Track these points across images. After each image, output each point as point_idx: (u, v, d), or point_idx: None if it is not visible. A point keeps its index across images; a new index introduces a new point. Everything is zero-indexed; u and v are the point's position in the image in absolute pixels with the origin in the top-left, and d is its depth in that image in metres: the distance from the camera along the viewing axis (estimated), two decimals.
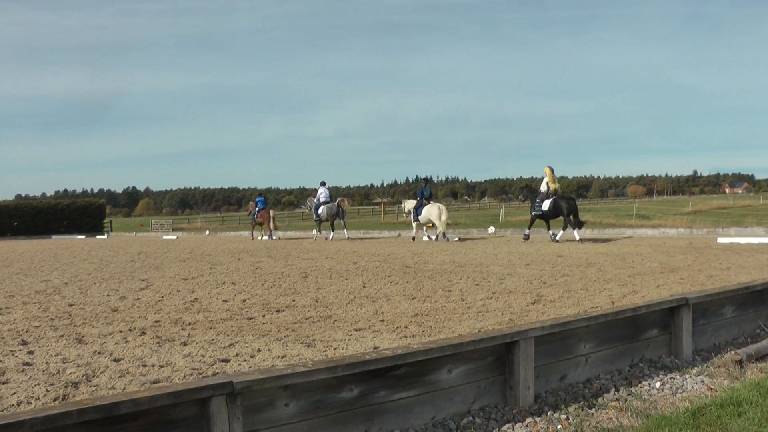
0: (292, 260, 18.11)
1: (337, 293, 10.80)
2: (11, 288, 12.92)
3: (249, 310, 9.29)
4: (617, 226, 31.97)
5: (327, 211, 29.25)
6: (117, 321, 8.63)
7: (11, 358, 6.51)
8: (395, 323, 7.94)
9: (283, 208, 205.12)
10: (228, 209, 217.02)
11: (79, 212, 57.34)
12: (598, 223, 35.48)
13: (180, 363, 6.09)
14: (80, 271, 16.42)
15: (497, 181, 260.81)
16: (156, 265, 17.85)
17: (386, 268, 15.01)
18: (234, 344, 6.91)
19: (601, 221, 37.51)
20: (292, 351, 6.49)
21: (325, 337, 7.17)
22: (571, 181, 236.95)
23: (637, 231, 28.31)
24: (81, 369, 5.93)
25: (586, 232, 26.85)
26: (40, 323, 8.62)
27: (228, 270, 15.57)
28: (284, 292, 11.10)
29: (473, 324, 7.76)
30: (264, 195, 35.23)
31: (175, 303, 10.18)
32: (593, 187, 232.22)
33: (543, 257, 16.80)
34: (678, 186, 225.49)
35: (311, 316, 8.63)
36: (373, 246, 24.22)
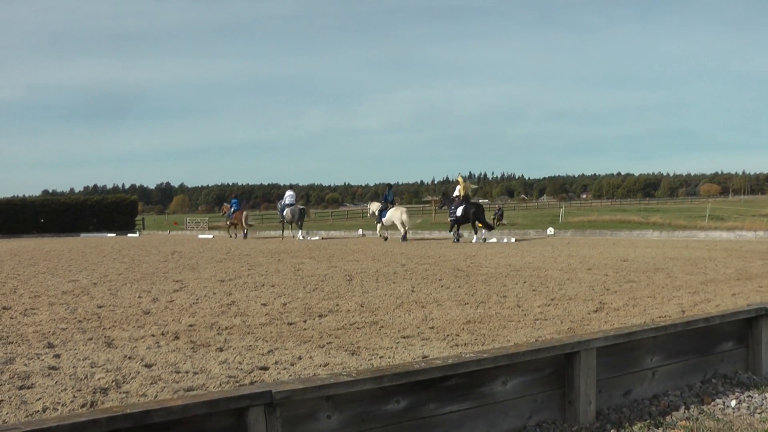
0: (336, 262, 18.17)
1: (383, 298, 10.80)
2: (37, 288, 13.18)
3: (289, 314, 9.34)
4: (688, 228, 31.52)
5: (290, 213, 33.88)
6: (149, 324, 8.75)
7: (36, 362, 6.63)
8: (446, 330, 7.91)
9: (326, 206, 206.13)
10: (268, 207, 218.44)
11: (109, 209, 58.28)
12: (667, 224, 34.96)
13: (215, 370, 6.15)
14: (110, 271, 16.70)
15: (557, 179, 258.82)
16: (191, 265, 18.07)
17: (437, 271, 14.97)
18: (273, 351, 6.95)
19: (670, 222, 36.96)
20: (335, 359, 6.51)
21: (370, 345, 7.17)
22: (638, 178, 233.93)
23: (710, 234, 27.82)
24: (110, 374, 6.01)
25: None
26: (68, 325, 8.77)
27: (267, 272, 15.68)
28: (327, 296, 11.13)
29: (530, 333, 7.69)
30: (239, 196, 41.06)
31: (210, 306, 10.28)
32: (662, 186, 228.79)
33: (606, 261, 16.61)
34: (756, 185, 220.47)
35: (356, 321, 8.64)
36: (422, 247, 24.19)
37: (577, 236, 31.30)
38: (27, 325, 8.84)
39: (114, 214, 58.08)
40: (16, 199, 61.07)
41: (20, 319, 9.34)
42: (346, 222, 66.28)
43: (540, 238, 30.01)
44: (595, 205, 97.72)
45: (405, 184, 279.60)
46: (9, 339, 7.86)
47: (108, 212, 57.86)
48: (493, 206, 72.68)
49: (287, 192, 34.58)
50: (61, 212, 56.49)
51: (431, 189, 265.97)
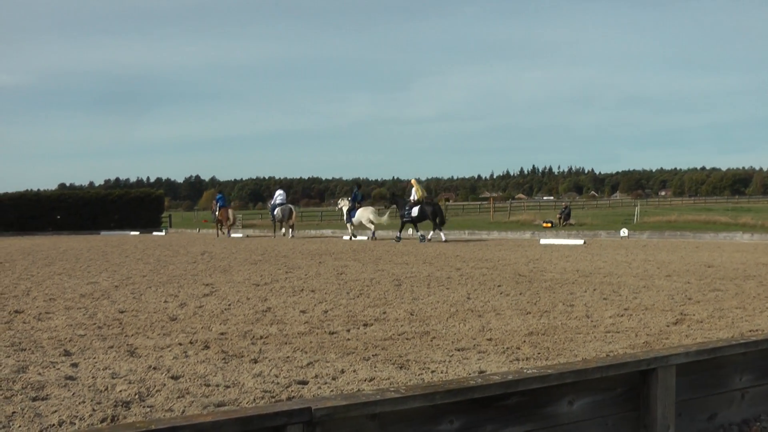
0: (384, 265, 18.20)
1: (436, 305, 10.79)
2: (53, 290, 13.41)
3: (331, 323, 9.38)
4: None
5: (281, 212, 37.21)
6: (176, 332, 8.85)
7: (52, 371, 6.74)
8: (505, 343, 7.87)
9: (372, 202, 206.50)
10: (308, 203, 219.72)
11: (132, 204, 58.94)
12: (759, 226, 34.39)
13: (249, 383, 6.19)
14: (133, 273, 16.93)
15: (631, 174, 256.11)
16: (222, 267, 18.24)
17: (495, 276, 14.92)
18: (313, 363, 6.98)
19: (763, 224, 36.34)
20: (381, 373, 6.52)
21: (421, 358, 7.16)
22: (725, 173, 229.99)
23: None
24: (133, 386, 6.09)
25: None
26: (86, 332, 8.91)
27: (307, 275, 15.76)
28: (373, 303, 11.16)
29: (600, 347, 7.63)
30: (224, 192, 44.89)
31: (244, 312, 10.37)
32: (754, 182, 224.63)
33: (688, 267, 16.40)
34: None
35: (405, 331, 8.64)
36: (479, 249, 24.13)
37: (654, 238, 30.97)
38: (41, 331, 8.99)
39: (138, 210, 58.59)
40: (29, 193, 62.06)
41: (34, 324, 9.51)
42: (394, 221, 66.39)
43: (612, 240, 29.74)
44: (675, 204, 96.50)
45: (460, 179, 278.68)
46: (22, 345, 8.01)
47: (131, 208, 58.45)
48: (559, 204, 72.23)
49: (277, 191, 38.49)
50: (79, 208, 57.16)
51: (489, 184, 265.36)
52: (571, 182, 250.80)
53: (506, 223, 46.57)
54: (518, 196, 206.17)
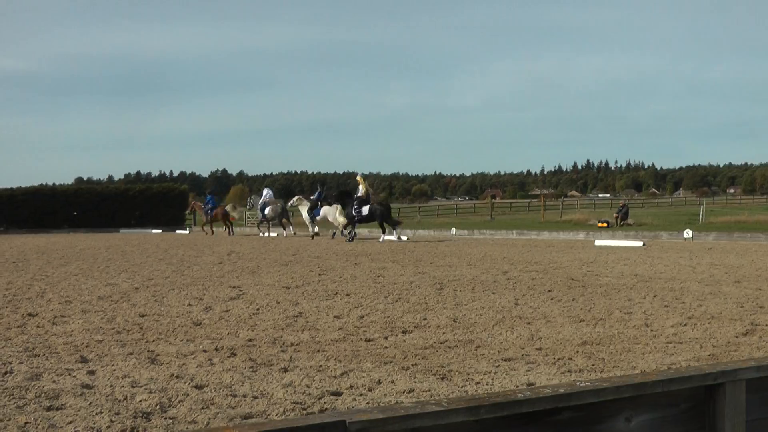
0: (424, 267, 18.20)
1: (481, 311, 10.77)
2: (69, 292, 13.57)
3: (367, 329, 9.39)
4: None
5: (272, 210, 39.11)
6: (200, 338, 8.91)
7: (68, 379, 6.81)
8: (556, 353, 7.84)
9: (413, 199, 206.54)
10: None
11: (154, 200, 59.29)
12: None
13: (279, 394, 6.22)
14: (155, 274, 17.07)
15: (696, 169, 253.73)
16: (250, 268, 18.34)
17: (546, 280, 14.86)
18: (347, 373, 6.99)
19: None
20: (421, 384, 6.52)
21: (464, 368, 7.15)
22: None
23: None
24: (154, 396, 6.13)
25: None
26: (104, 337, 9.00)
27: (342, 277, 15.80)
28: (413, 308, 11.16)
29: (661, 358, 7.57)
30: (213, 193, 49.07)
31: (273, 317, 10.42)
32: None
33: (759, 272, 16.23)
34: None
35: (447, 339, 8.63)
36: (528, 251, 24.05)
37: (721, 240, 30.66)
38: (56, 336, 9.09)
39: (160, 207, 58.83)
40: (44, 188, 62.78)
41: (48, 329, 9.63)
42: (436, 219, 66.34)
43: (674, 242, 29.51)
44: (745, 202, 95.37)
45: (507, 175, 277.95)
46: (35, 351, 8.11)
47: (153, 204, 58.70)
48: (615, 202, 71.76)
49: (265, 190, 42.12)
50: (97, 203, 57.53)
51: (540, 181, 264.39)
52: (630, 178, 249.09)
53: (558, 222, 46.32)
54: (571, 193, 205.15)
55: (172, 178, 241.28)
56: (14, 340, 8.81)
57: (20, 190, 57.64)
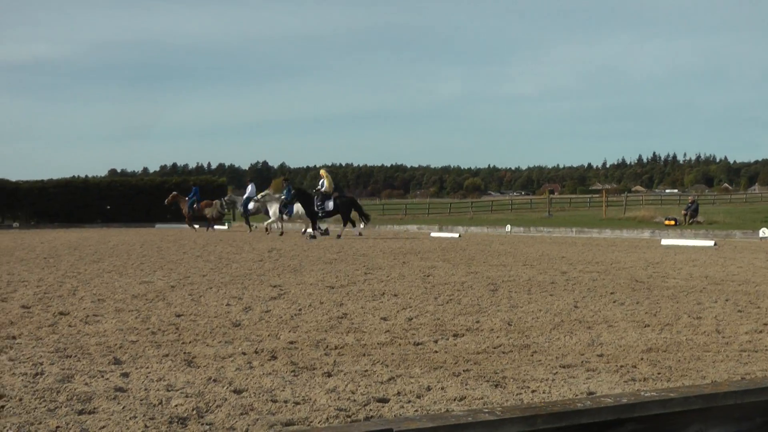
0: (477, 266, 18.16)
1: (537, 314, 10.73)
2: (102, 290, 13.72)
3: (416, 332, 9.39)
4: None
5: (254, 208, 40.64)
6: (239, 339, 8.96)
7: (100, 381, 6.88)
8: (619, 360, 7.78)
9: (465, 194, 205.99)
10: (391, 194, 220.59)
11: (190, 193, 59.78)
12: None
13: (322, 400, 6.23)
14: (192, 272, 17.21)
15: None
16: (292, 266, 18.42)
17: (607, 281, 14.76)
18: (395, 378, 6.99)
19: None
20: (473, 392, 6.50)
21: (519, 375, 7.13)
22: None
23: None
24: (190, 400, 6.17)
25: None
26: (138, 337, 9.08)
27: (389, 277, 15.82)
28: (465, 310, 11.14)
29: (734, 368, 7.48)
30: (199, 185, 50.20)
31: (316, 319, 10.45)
32: None
33: None
34: None
35: (501, 344, 8.60)
36: (589, 250, 23.90)
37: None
38: (89, 336, 9.19)
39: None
40: (76, 180, 63.35)
41: (80, 328, 9.74)
42: (490, 215, 66.18)
43: (749, 242, 29.17)
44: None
45: (567, 168, 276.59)
46: (67, 352, 8.20)
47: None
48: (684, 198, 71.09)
49: (249, 185, 43.44)
50: (131, 197, 57.96)
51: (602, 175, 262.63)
52: (700, 173, 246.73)
53: (621, 220, 46.00)
54: (635, 188, 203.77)
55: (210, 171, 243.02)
56: (45, 339, 8.93)
57: (51, 183, 58.32)
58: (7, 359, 7.80)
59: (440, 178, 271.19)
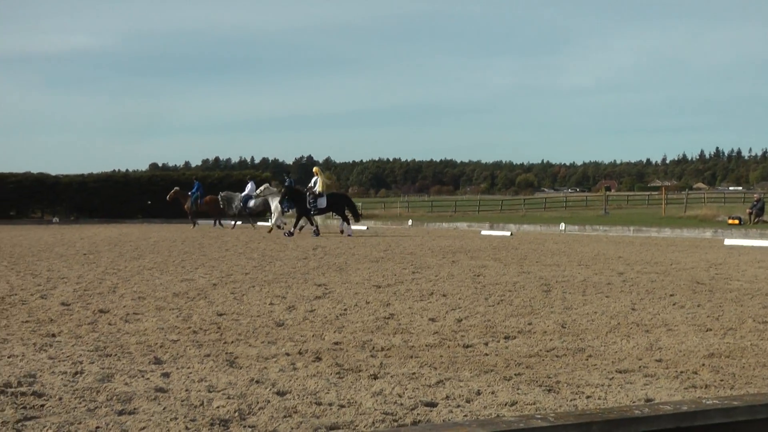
0: (530, 266, 18.10)
1: (592, 316, 10.67)
2: (142, 288, 13.86)
3: (466, 334, 9.38)
4: None
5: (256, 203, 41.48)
6: (282, 339, 8.99)
7: (141, 381, 6.94)
8: (679, 366, 7.72)
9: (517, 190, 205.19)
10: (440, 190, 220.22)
11: (234, 189, 59.86)
12: None
13: (368, 403, 6.24)
14: (234, 269, 17.31)
15: None
16: (338, 265, 18.46)
17: (667, 283, 14.65)
18: (443, 382, 6.99)
19: None
20: (525, 396, 6.48)
21: (573, 380, 7.09)
22: None
23: None
24: (232, 402, 6.21)
25: None
26: (179, 336, 9.16)
27: (437, 276, 15.81)
28: (517, 312, 11.11)
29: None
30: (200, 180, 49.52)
31: (362, 319, 10.47)
32: None
33: None
34: None
35: (555, 347, 8.57)
36: (647, 250, 23.73)
37: None
38: (129, 334, 9.28)
39: None
40: (117, 175, 63.98)
41: (120, 326, 9.84)
42: (543, 213, 65.97)
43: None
44: None
45: (624, 164, 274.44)
46: (107, 350, 8.29)
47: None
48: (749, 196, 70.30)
49: (249, 183, 44.02)
50: None
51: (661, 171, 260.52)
52: (766, 169, 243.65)
53: (681, 218, 45.63)
54: (697, 185, 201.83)
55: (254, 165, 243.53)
56: (85, 338, 9.03)
57: (91, 177, 58.88)
58: (47, 357, 7.91)
59: (491, 173, 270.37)
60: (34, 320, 10.24)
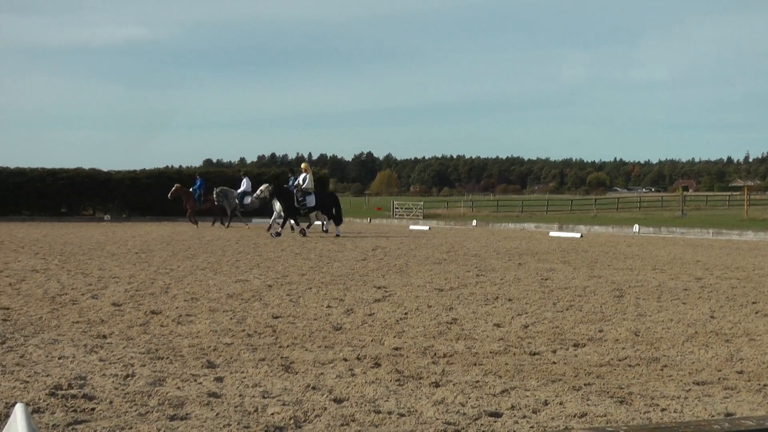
0: (601, 269, 17.98)
1: (668, 324, 10.57)
2: (195, 289, 14.00)
3: (533, 341, 9.34)
4: None
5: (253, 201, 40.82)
6: (340, 344, 9.02)
7: (193, 385, 7.00)
8: (762, 378, 7.62)
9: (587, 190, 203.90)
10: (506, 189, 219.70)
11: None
12: None
13: (429, 412, 6.23)
14: (290, 270, 17.40)
15: None
16: (398, 266, 18.47)
17: (749, 289, 14.46)
18: (509, 391, 6.96)
19: None
20: (595, 408, 6.43)
21: (647, 391, 7.03)
22: None
23: None
24: (287, 409, 6.23)
25: None
26: (233, 340, 9.22)
27: (503, 279, 15.76)
28: (587, 318, 11.04)
29: None
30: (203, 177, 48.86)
31: (424, 323, 10.46)
32: None
33: None
34: None
35: (627, 356, 8.50)
36: (727, 254, 23.45)
37: None
38: (181, 337, 9.37)
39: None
40: (170, 171, 64.11)
41: (173, 328, 9.94)
42: (615, 214, 65.50)
43: None
44: None
45: (703, 162, 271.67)
46: (159, 353, 8.37)
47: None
48: None
49: (244, 179, 44.32)
50: None
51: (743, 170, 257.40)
52: None
53: (765, 221, 45.04)
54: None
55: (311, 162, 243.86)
56: (136, 340, 9.13)
57: (144, 173, 59.30)
58: (98, 359, 8.01)
59: (561, 172, 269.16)
60: (84, 321, 10.39)
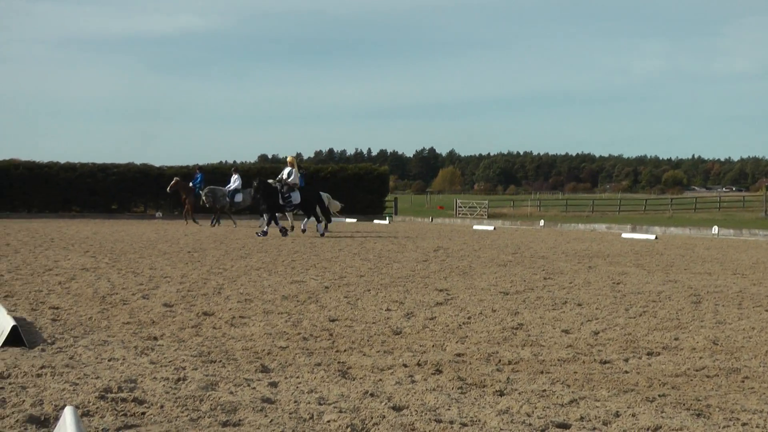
0: (677, 273, 17.83)
1: (750, 333, 10.45)
2: (249, 289, 14.08)
3: (603, 348, 9.27)
4: None
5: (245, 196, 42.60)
6: (400, 349, 9.01)
7: (246, 390, 7.03)
8: None
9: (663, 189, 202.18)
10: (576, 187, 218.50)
11: (349, 184, 59.91)
12: None
13: (492, 422, 6.20)
14: (348, 271, 17.46)
15: None
16: (461, 268, 18.45)
17: None
18: (577, 401, 6.91)
19: None
20: (671, 421, 6.36)
21: (727, 404, 6.94)
22: None
23: None
24: (344, 416, 6.22)
25: None
26: (288, 343, 9.25)
27: (572, 283, 15.69)
28: (662, 325, 10.95)
29: None
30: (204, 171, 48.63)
31: (488, 329, 10.43)
32: None
33: None
34: None
35: (705, 366, 8.41)
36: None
37: None
38: (234, 339, 9.42)
39: (355, 191, 59.21)
40: (223, 167, 64.71)
41: (226, 331, 10.00)
42: (693, 215, 64.92)
43: None
44: None
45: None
46: (211, 356, 8.42)
47: (347, 188, 59.00)
48: None
49: (234, 176, 44.30)
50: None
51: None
52: None
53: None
54: None
55: (371, 158, 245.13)
56: (188, 342, 9.19)
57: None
58: (149, 362, 8.07)
59: (634, 170, 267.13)
60: (135, 322, 10.49)
